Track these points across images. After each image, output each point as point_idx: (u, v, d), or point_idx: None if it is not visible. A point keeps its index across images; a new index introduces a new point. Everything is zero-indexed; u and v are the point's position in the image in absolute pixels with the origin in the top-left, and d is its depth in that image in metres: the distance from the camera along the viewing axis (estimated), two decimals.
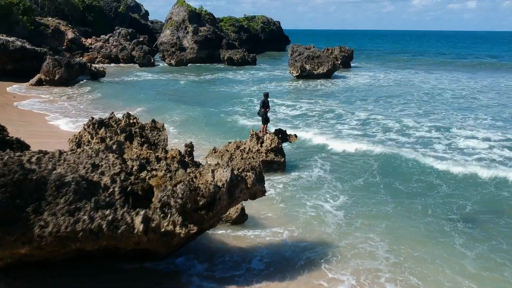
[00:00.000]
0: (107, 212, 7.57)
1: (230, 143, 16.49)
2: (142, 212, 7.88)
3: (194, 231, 8.09)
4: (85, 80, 36.45)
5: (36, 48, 40.29)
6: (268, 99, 16.37)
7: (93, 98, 29.65)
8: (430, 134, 19.96)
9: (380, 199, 12.53)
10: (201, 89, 36.21)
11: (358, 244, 9.72)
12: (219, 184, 8.49)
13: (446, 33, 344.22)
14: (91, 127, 16.31)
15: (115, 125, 17.05)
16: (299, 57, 42.26)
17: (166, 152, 14.25)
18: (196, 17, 60.46)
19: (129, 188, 8.95)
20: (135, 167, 10.70)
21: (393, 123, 22.24)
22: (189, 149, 14.17)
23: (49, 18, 58.29)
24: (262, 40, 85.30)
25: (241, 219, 10.96)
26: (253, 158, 15.58)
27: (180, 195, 8.15)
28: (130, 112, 17.82)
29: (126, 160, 10.83)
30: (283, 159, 15.57)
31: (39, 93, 31.60)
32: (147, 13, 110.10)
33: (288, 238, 10.09)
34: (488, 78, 44.44)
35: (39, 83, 35.96)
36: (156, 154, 13.96)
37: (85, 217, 7.32)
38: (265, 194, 9.35)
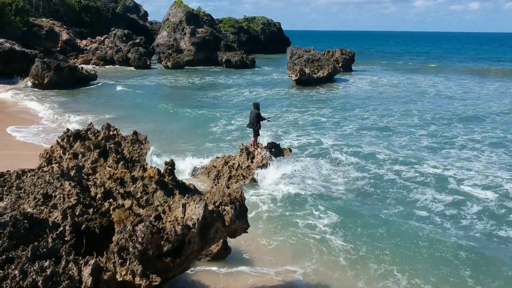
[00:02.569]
0: (46, 263, 6.13)
1: (218, 158, 15.11)
2: (92, 262, 6.43)
3: (157, 282, 6.66)
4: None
5: (26, 50, 39.01)
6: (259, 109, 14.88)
7: (74, 104, 27.84)
8: (427, 148, 18.41)
9: (372, 209, 11.68)
10: (186, 95, 34.36)
11: (377, 283, 8.61)
12: (190, 223, 7.06)
13: (448, 34, 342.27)
14: (65, 140, 14.94)
15: (93, 138, 15.70)
16: (298, 60, 40.78)
17: (145, 170, 12.89)
18: (194, 18, 59.04)
19: (84, 225, 7.55)
20: (99, 195, 9.31)
21: (387, 135, 20.61)
22: (169, 167, 12.75)
23: (43, 19, 56.95)
24: (262, 41, 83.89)
25: (223, 253, 9.54)
26: (243, 176, 14.20)
27: (140, 239, 6.72)
28: (110, 123, 16.49)
29: (89, 186, 9.46)
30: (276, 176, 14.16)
31: (26, 97, 30.21)
32: (146, 13, 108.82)
33: (293, 279, 8.73)
34: (497, 83, 42.71)
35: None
36: (132, 174, 12.55)
37: (16, 272, 5.88)
38: (247, 231, 7.91)
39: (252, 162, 14.48)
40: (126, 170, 12.30)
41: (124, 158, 13.00)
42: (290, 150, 15.40)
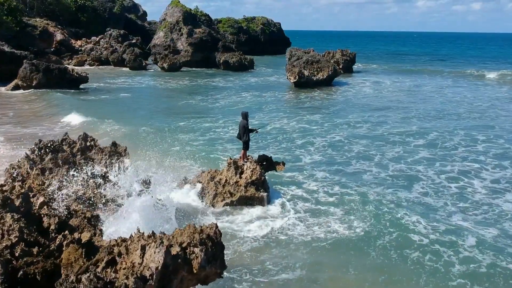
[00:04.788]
0: None
1: (203, 172, 13.79)
2: None
3: None
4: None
5: (15, 51, 37.78)
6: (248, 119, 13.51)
7: (54, 109, 26.14)
8: (423, 160, 16.86)
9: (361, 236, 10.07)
10: (170, 98, 32.72)
11: None
12: (147, 273, 5.74)
13: (450, 34, 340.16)
14: (36, 152, 13.68)
15: (68, 149, 14.42)
16: (297, 61, 39.42)
17: (119, 188, 11.59)
18: (191, 18, 57.67)
19: (22, 271, 6.23)
20: (53, 226, 7.98)
21: (380, 145, 18.90)
22: (144, 186, 11.48)
23: (37, 19, 55.70)
24: (262, 42, 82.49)
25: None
26: (230, 193, 12.88)
27: None
28: (87, 133, 15.21)
29: (42, 216, 8.14)
30: (266, 194, 12.83)
31: (9, 101, 28.92)
32: (145, 13, 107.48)
33: None
34: (506, 86, 40.77)
35: (16, 89, 33.48)
36: (103, 194, 11.23)
37: None
38: (222, 275, 6.58)
39: (240, 177, 13.15)
40: (95, 191, 11.03)
41: (96, 175, 11.70)
42: (284, 164, 14.03)
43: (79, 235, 7.76)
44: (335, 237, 10.44)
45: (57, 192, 10.63)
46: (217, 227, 6.80)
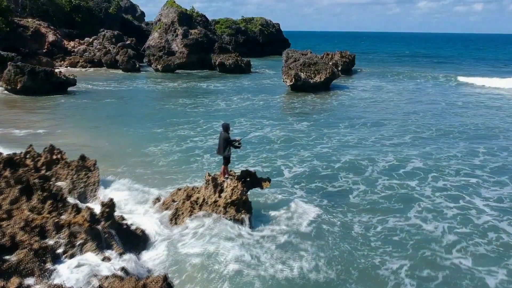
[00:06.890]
0: None
1: (179, 190, 12.43)
2: None
3: None
4: None
5: (1, 53, 36.48)
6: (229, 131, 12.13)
7: (29, 115, 24.80)
8: (415, 173, 15.54)
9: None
10: (153, 102, 31.35)
11: None
12: None
13: (452, 35, 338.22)
14: None
15: (31, 164, 13.09)
16: (294, 64, 38.03)
17: (78, 211, 10.25)
18: (187, 19, 56.29)
19: None
20: None
21: (367, 160, 17.30)
22: (107, 209, 10.11)
23: (29, 19, 54.40)
24: (260, 43, 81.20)
25: None
26: (208, 215, 11.51)
27: None
28: (53, 144, 13.89)
29: None
30: (248, 215, 11.47)
31: None
32: (143, 14, 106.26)
33: None
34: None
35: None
36: (56, 220, 9.89)
37: None
38: None
39: (220, 196, 11.80)
40: (49, 215, 9.66)
41: (53, 196, 10.35)
42: (269, 180, 12.68)
43: (5, 282, 6.44)
44: (304, 278, 8.92)
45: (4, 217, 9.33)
46: (165, 279, 5.46)
